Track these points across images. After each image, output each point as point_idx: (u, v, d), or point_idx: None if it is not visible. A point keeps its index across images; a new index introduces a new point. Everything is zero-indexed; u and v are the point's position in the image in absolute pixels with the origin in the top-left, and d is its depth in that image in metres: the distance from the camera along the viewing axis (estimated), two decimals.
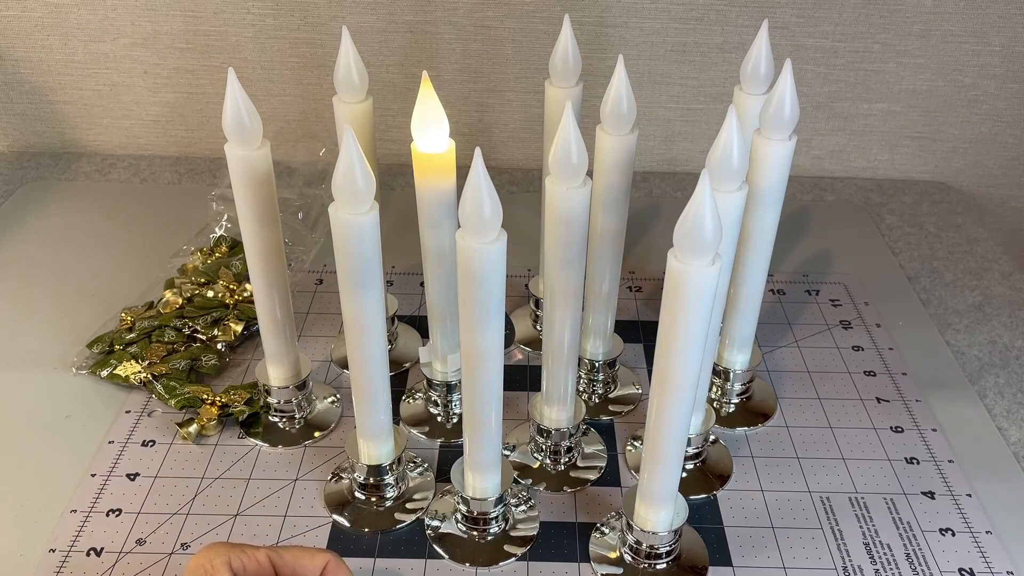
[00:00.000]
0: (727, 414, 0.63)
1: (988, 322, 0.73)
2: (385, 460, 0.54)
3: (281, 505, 0.56)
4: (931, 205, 0.91)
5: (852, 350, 0.69)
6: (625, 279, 0.77)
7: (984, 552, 0.53)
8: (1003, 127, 0.93)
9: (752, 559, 0.53)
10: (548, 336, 0.53)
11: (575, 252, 0.50)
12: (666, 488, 0.49)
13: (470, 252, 0.42)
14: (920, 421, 0.63)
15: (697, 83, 0.91)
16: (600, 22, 0.87)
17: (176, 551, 0.53)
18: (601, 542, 0.53)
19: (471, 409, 0.48)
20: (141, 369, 0.63)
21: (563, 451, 0.58)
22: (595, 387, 0.65)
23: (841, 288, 0.77)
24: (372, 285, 0.47)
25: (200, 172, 0.93)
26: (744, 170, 0.46)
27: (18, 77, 0.92)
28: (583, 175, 0.47)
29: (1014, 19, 0.86)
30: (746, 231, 0.55)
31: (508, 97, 0.92)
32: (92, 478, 0.57)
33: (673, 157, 0.96)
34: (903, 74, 0.90)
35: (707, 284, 0.41)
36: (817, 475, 0.58)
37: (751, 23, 0.86)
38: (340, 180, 0.43)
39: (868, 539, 0.54)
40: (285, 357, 0.59)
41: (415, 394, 0.64)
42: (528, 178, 0.94)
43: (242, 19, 0.88)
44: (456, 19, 0.87)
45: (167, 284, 0.72)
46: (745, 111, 0.56)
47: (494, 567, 0.52)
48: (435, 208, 0.54)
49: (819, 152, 0.95)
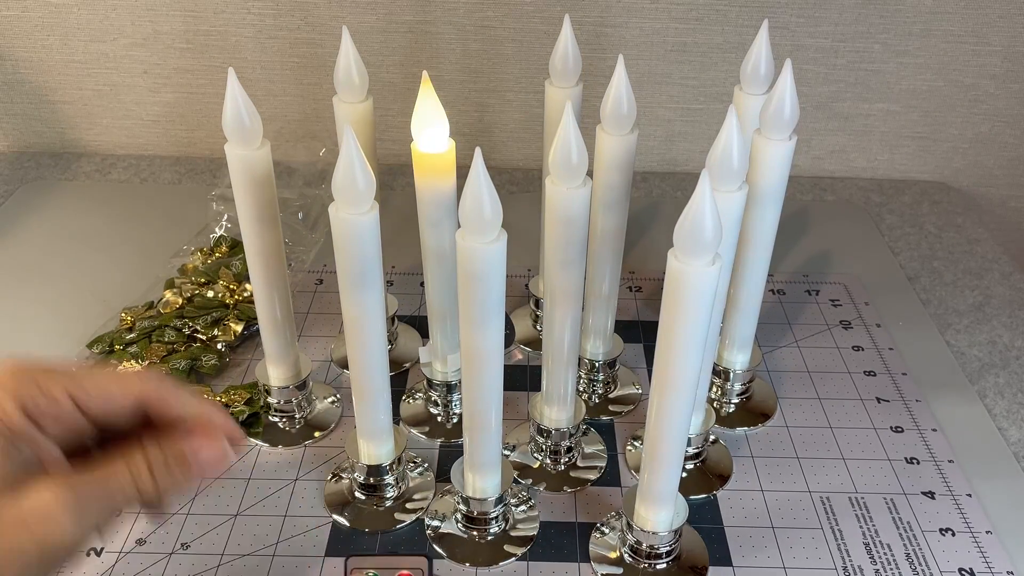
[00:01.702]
0: (727, 414, 0.63)
1: (988, 322, 0.73)
2: (385, 460, 0.54)
3: (281, 505, 0.56)
4: (931, 205, 0.91)
5: (852, 350, 0.69)
6: (625, 279, 0.77)
7: (984, 552, 0.53)
8: (1003, 127, 0.93)
9: (752, 559, 0.53)
10: (548, 336, 0.53)
11: (575, 252, 0.50)
12: (666, 488, 0.49)
13: (470, 252, 0.42)
14: (920, 421, 0.63)
15: (697, 83, 0.91)
16: (600, 22, 0.87)
17: (176, 551, 0.53)
18: (601, 542, 0.53)
19: (471, 409, 0.48)
20: (141, 369, 0.63)
21: (563, 451, 0.58)
22: (595, 387, 0.65)
23: (841, 288, 0.77)
24: (372, 285, 0.47)
25: (200, 172, 0.93)
26: (744, 170, 0.46)
27: (18, 77, 0.92)
28: (583, 175, 0.47)
29: (1014, 19, 0.86)
30: (746, 231, 0.55)
31: (508, 97, 0.92)
32: None
33: (673, 157, 0.96)
34: (903, 74, 0.90)
35: (707, 284, 0.41)
36: (817, 475, 0.58)
37: (751, 23, 0.86)
38: (340, 180, 0.43)
39: (868, 539, 0.54)
40: (285, 357, 0.59)
41: (415, 394, 0.64)
42: (528, 178, 0.94)
43: (242, 19, 0.88)
44: (456, 19, 0.87)
45: (167, 284, 0.72)
46: (745, 111, 0.56)
47: (494, 567, 0.52)
48: (435, 208, 0.54)
49: (819, 152, 0.95)
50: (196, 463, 0.38)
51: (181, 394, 0.39)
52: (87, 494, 0.35)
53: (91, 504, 0.35)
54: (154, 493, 0.37)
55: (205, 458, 0.38)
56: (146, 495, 0.37)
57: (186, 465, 0.38)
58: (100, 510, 0.36)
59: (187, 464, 0.38)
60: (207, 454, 0.38)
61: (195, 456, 0.38)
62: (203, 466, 0.38)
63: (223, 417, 0.40)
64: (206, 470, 0.38)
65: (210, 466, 0.38)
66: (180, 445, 0.38)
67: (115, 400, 0.38)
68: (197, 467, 0.38)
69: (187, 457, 0.38)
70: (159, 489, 0.37)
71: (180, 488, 0.38)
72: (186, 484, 0.38)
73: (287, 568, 0.52)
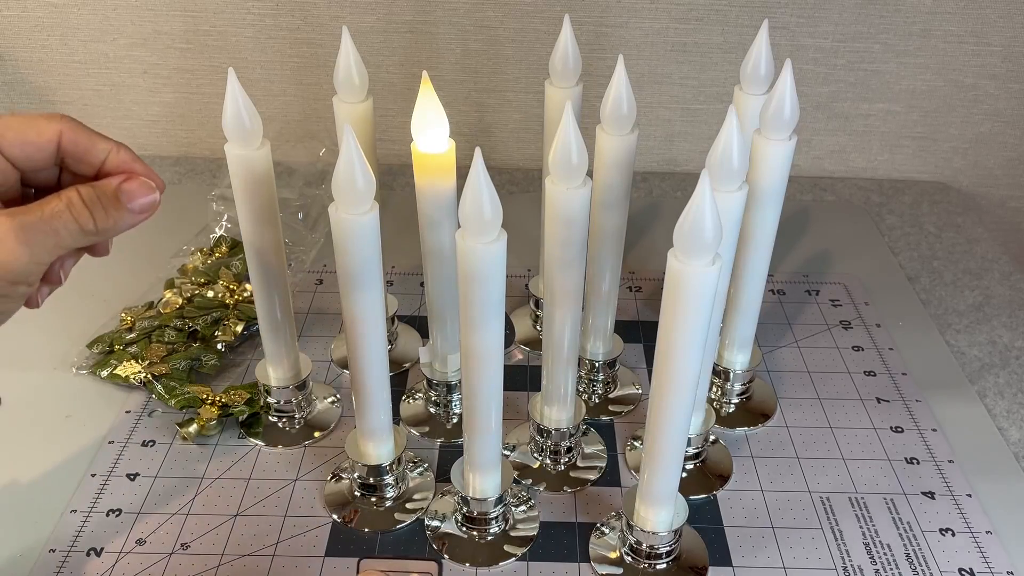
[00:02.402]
0: (727, 414, 0.63)
1: (988, 322, 0.73)
2: (385, 460, 0.54)
3: (281, 505, 0.56)
4: (931, 205, 0.91)
5: (852, 350, 0.69)
6: (625, 279, 0.77)
7: (984, 552, 0.53)
8: (1003, 127, 0.93)
9: (752, 559, 0.53)
10: (548, 336, 0.53)
11: (575, 252, 0.50)
12: (666, 488, 0.49)
13: (470, 252, 0.42)
14: (920, 421, 0.63)
15: (697, 83, 0.91)
16: (600, 22, 0.87)
17: (176, 551, 0.53)
18: (601, 542, 0.53)
19: (471, 409, 0.48)
20: (141, 369, 0.63)
21: (563, 451, 0.58)
22: (595, 387, 0.65)
23: (841, 288, 0.77)
24: (372, 285, 0.47)
25: (200, 172, 0.93)
26: (744, 170, 0.46)
27: (18, 77, 0.92)
28: (583, 175, 0.47)
29: (1014, 19, 0.86)
30: (746, 231, 0.55)
31: (508, 97, 0.92)
32: (92, 478, 0.57)
33: (673, 157, 0.96)
34: (903, 74, 0.90)
35: (707, 284, 0.41)
36: (817, 475, 0.58)
37: (751, 23, 0.86)
38: (340, 180, 0.43)
39: (868, 539, 0.54)
40: (285, 357, 0.59)
41: (415, 394, 0.64)
42: (528, 178, 0.94)
43: (242, 19, 0.88)
44: (456, 19, 0.87)
45: (167, 284, 0.72)
46: (745, 111, 0.56)
47: (494, 567, 0.52)
48: (435, 208, 0.54)
49: (819, 152, 0.95)
50: (126, 195, 0.41)
51: (93, 134, 0.42)
52: (31, 224, 0.39)
53: (36, 233, 0.39)
54: (92, 226, 0.40)
55: (132, 190, 0.41)
56: (85, 227, 0.40)
57: (117, 200, 0.41)
58: (45, 241, 0.39)
59: (118, 199, 0.41)
60: (134, 186, 0.42)
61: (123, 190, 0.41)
62: (132, 198, 0.41)
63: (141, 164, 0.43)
64: (135, 205, 0.42)
65: (138, 198, 0.42)
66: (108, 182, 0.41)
67: (33, 143, 0.41)
68: (128, 198, 0.41)
69: (116, 192, 0.41)
70: (96, 223, 0.41)
71: (116, 225, 0.42)
72: (121, 221, 0.42)
73: (287, 568, 0.52)
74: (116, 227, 0.42)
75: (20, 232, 0.38)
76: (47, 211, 0.39)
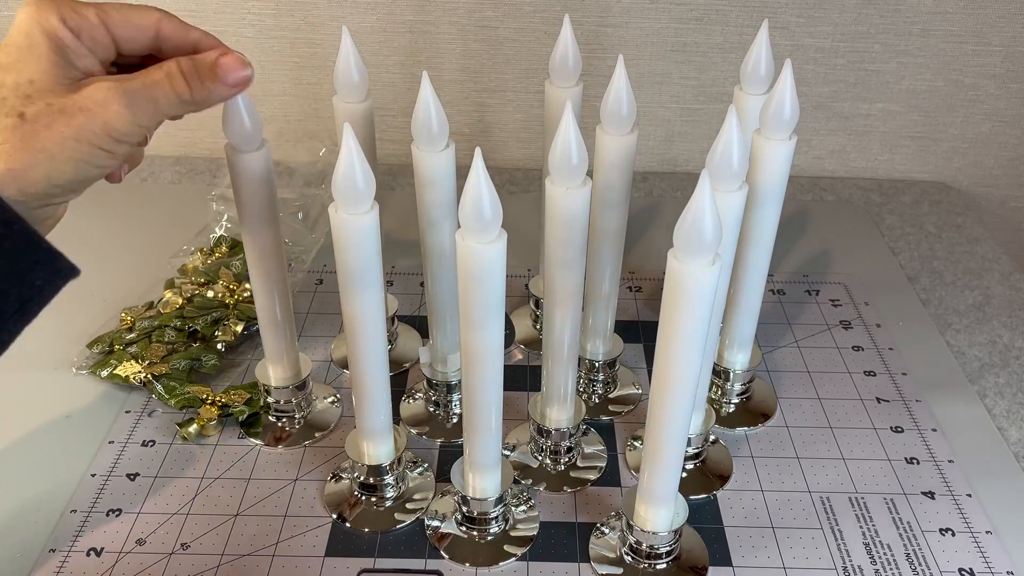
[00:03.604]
0: (727, 414, 0.63)
1: (988, 322, 0.73)
2: (385, 460, 0.54)
3: (281, 505, 0.56)
4: (931, 205, 0.91)
5: (852, 350, 0.69)
6: (625, 279, 0.77)
7: (984, 552, 0.53)
8: (1003, 127, 0.93)
9: (752, 559, 0.53)
10: (548, 336, 0.53)
11: (575, 252, 0.50)
12: (666, 488, 0.49)
13: (470, 252, 0.42)
14: (920, 421, 0.63)
15: (697, 83, 0.91)
16: (600, 22, 0.87)
17: (176, 551, 0.53)
18: (601, 542, 0.53)
19: (471, 409, 0.48)
20: (141, 369, 0.63)
21: (563, 451, 0.58)
22: (595, 387, 0.65)
23: (841, 288, 0.77)
24: (372, 285, 0.47)
25: (200, 172, 0.93)
26: (744, 170, 0.46)
27: None
28: (583, 175, 0.47)
29: (1014, 19, 0.86)
30: (746, 231, 0.55)
31: (508, 97, 0.92)
32: (92, 478, 0.57)
33: (673, 157, 0.96)
34: (903, 74, 0.90)
35: (707, 284, 0.41)
36: (817, 475, 0.58)
37: (751, 23, 0.86)
38: (340, 180, 0.43)
39: (868, 539, 0.54)
40: (285, 357, 0.59)
41: (415, 394, 0.64)
42: (528, 178, 0.94)
43: (242, 19, 0.88)
44: (456, 19, 0.87)
45: (167, 284, 0.72)
46: (745, 111, 0.56)
47: (494, 567, 0.52)
48: (435, 208, 0.54)
49: (819, 152, 0.95)
50: (221, 67, 0.43)
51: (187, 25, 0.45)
52: (134, 90, 0.41)
53: (138, 99, 0.42)
54: (189, 95, 0.43)
55: (228, 63, 0.43)
56: (183, 96, 0.43)
57: (214, 72, 0.43)
58: (146, 106, 0.42)
59: (214, 71, 0.43)
60: (230, 59, 0.43)
61: (219, 64, 0.43)
62: (228, 72, 0.43)
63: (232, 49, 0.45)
64: (230, 79, 0.43)
65: (233, 72, 0.44)
66: (206, 55, 0.43)
67: (137, 25, 0.44)
68: (224, 71, 0.43)
69: (214, 65, 0.43)
70: (192, 93, 0.43)
71: (210, 96, 0.44)
72: (215, 92, 0.44)
73: (287, 568, 0.52)
74: (210, 98, 0.44)
75: (124, 96, 0.41)
76: (149, 79, 0.42)
